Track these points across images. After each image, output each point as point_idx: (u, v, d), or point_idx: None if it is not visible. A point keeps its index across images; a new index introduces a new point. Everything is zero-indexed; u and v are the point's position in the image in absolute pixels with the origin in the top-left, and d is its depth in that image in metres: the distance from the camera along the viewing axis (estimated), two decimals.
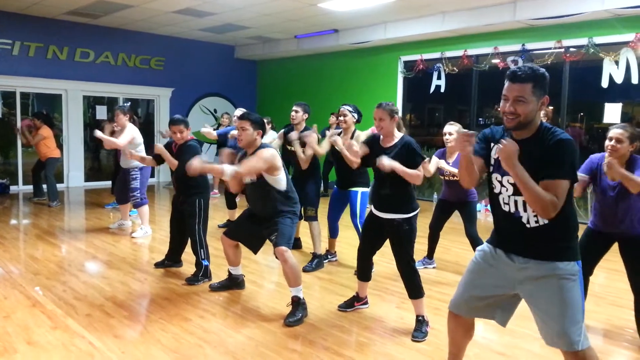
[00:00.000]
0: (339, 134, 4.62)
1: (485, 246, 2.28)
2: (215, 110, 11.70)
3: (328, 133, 4.65)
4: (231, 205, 6.31)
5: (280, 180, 3.59)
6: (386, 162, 3.06)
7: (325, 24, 9.19)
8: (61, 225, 6.55)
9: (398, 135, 3.28)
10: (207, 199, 4.40)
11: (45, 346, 2.97)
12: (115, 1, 7.98)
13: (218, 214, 7.02)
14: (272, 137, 7.47)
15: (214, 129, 7.78)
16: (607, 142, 3.04)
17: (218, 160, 5.03)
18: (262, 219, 3.67)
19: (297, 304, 3.49)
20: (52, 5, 8.33)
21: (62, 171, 9.73)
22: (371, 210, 3.37)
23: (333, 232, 4.84)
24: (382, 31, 9.06)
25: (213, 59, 11.51)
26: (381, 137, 3.37)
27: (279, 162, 3.56)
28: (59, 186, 8.30)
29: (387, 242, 3.36)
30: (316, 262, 4.72)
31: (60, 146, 8.71)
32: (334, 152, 4.53)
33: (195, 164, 3.26)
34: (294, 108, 4.91)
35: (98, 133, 5.70)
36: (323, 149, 4.67)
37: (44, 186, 7.99)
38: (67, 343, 3.02)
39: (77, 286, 4.11)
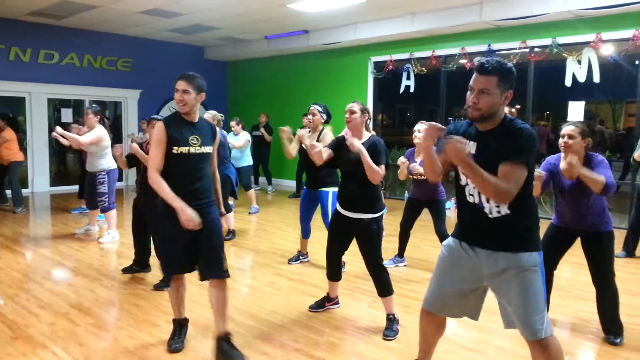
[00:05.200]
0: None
1: (450, 240, 2.31)
2: None
3: (298, 132, 4.60)
4: None
5: None
6: (356, 144, 3.15)
7: (296, 24, 9.17)
8: (26, 231, 6.35)
9: (366, 135, 3.30)
10: None
11: (5, 358, 2.86)
12: (80, 2, 7.78)
13: None
14: (245, 138, 7.41)
15: None
16: (560, 140, 3.11)
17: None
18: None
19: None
20: (14, 5, 8.06)
21: (27, 176, 9.44)
22: (337, 210, 3.36)
23: (305, 233, 4.82)
24: (352, 32, 9.09)
25: (182, 60, 11.32)
26: (347, 137, 3.38)
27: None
28: (24, 191, 8.04)
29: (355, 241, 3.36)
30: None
31: (24, 150, 8.45)
32: (302, 153, 4.52)
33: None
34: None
35: (59, 129, 5.55)
36: (293, 149, 4.66)
37: (8, 192, 7.73)
38: (29, 354, 2.92)
39: (41, 294, 3.98)
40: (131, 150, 4.31)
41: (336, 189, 4.52)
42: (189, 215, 2.68)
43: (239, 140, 7.23)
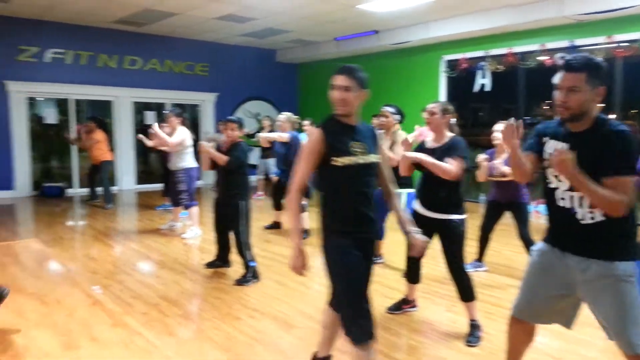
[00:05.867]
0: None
1: (542, 245, 2.23)
2: (258, 114, 11.88)
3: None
4: (277, 206, 6.40)
5: None
6: (410, 155, 3.18)
7: (365, 25, 9.18)
8: (115, 226, 6.82)
9: (448, 136, 3.26)
10: (249, 201, 4.46)
11: (106, 343, 3.10)
12: (161, 9, 8.24)
13: (264, 216, 7.11)
14: None
15: (254, 134, 7.97)
16: None
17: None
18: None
19: None
20: (101, 14, 8.68)
21: (114, 175, 10.12)
22: (417, 211, 3.33)
23: (379, 234, 4.82)
24: (423, 30, 8.97)
25: (255, 63, 11.70)
26: (427, 140, 3.36)
27: None
28: (112, 189, 8.64)
29: (435, 244, 3.32)
30: None
31: (111, 150, 9.06)
32: None
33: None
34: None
35: (155, 128, 5.91)
36: None
37: (99, 189, 8.35)
38: (127, 340, 3.15)
39: (133, 285, 4.27)
40: (199, 149, 4.49)
41: (410, 190, 4.51)
42: (303, 262, 2.26)
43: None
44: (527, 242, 4.25)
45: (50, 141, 10.16)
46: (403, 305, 3.67)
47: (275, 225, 6.52)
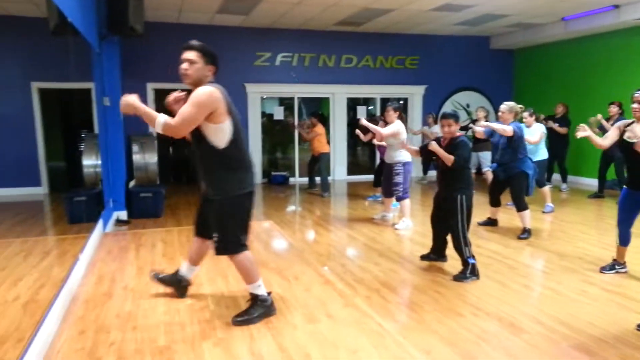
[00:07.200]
0: (628, 125, 4.04)
1: None
2: (467, 105, 11.47)
3: (617, 124, 4.16)
4: (494, 202, 6.08)
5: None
6: None
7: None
8: (332, 213, 7.37)
9: None
10: (470, 196, 4.34)
11: (341, 321, 3.34)
12: (379, 7, 8.52)
13: (476, 211, 6.81)
14: (539, 131, 6.88)
15: (468, 125, 7.69)
16: None
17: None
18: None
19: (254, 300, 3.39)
20: (324, 18, 9.39)
21: (329, 165, 10.92)
22: None
23: (623, 240, 4.21)
24: None
25: (466, 52, 11.31)
26: None
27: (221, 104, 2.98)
28: (328, 179, 9.34)
29: None
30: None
31: (328, 143, 9.81)
32: (623, 147, 3.99)
33: (130, 99, 2.96)
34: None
35: (363, 121, 6.20)
36: (607, 140, 4.17)
37: (318, 178, 9.13)
38: (359, 321, 3.34)
39: (354, 269, 4.55)
40: (430, 147, 4.44)
41: None
42: None
43: (534, 134, 6.73)
44: None
45: (276, 135, 11.48)
46: None
47: (490, 222, 6.22)
